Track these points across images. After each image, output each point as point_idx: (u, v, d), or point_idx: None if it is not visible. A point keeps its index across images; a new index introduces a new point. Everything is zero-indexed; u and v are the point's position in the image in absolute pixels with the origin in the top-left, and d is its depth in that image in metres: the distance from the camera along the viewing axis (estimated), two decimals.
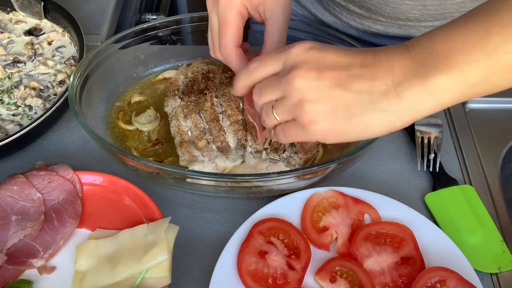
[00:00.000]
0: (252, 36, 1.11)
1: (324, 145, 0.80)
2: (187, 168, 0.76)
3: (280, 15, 0.67)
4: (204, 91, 0.79)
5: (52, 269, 0.69)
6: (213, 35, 0.70)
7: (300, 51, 0.53)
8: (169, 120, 0.80)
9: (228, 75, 0.81)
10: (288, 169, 0.75)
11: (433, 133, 0.84)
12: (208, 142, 0.76)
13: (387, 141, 0.86)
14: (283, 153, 0.76)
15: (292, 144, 0.76)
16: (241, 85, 0.60)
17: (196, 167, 0.76)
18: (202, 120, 0.77)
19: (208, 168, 0.76)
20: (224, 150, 0.76)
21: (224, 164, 0.76)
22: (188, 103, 0.79)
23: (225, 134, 0.76)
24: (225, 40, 0.66)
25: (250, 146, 0.76)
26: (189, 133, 0.77)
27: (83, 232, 0.73)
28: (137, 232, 0.69)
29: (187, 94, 0.80)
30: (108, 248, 0.68)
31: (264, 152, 0.75)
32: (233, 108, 0.76)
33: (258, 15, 0.69)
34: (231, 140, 0.76)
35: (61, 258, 0.70)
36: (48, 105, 0.87)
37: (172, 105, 0.81)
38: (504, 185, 0.81)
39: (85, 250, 0.68)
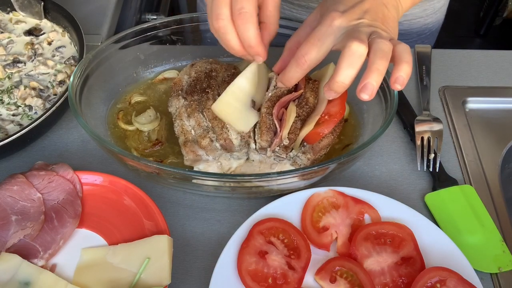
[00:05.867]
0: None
1: None
2: (191, 168, 0.76)
3: None
4: (207, 90, 0.79)
5: (52, 268, 0.69)
6: None
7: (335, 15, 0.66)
8: (173, 120, 0.80)
9: (231, 73, 0.81)
10: (293, 168, 0.75)
11: (433, 133, 0.84)
12: (212, 141, 0.76)
13: (387, 141, 0.86)
14: (290, 151, 0.76)
15: (301, 144, 0.76)
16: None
17: (201, 166, 0.76)
18: (205, 119, 0.77)
19: (212, 167, 0.76)
20: (227, 147, 0.76)
21: (228, 162, 0.76)
22: (191, 102, 0.79)
23: (228, 131, 0.76)
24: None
25: (254, 143, 0.76)
26: (193, 132, 0.77)
27: (83, 232, 0.73)
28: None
29: (190, 94, 0.80)
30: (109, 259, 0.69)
31: (268, 150, 0.75)
32: None
33: None
34: (234, 137, 0.76)
35: (61, 258, 0.70)
36: (48, 105, 0.87)
37: (176, 105, 0.81)
38: (504, 185, 0.81)
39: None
